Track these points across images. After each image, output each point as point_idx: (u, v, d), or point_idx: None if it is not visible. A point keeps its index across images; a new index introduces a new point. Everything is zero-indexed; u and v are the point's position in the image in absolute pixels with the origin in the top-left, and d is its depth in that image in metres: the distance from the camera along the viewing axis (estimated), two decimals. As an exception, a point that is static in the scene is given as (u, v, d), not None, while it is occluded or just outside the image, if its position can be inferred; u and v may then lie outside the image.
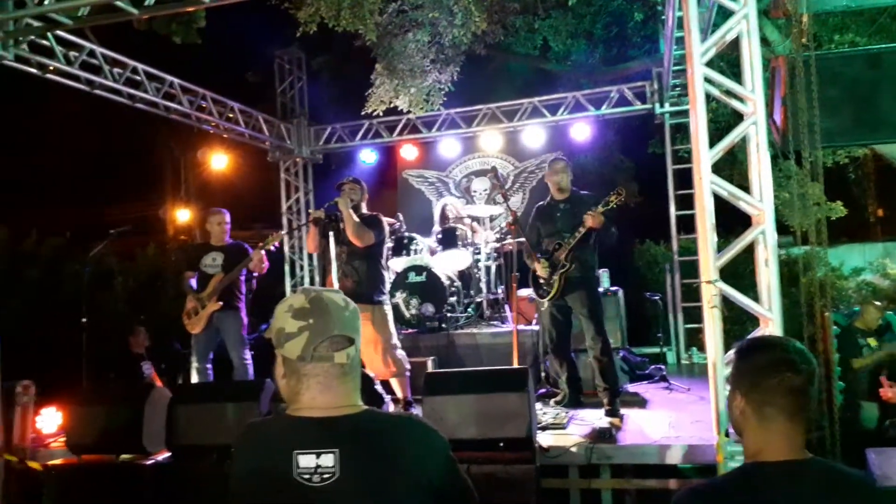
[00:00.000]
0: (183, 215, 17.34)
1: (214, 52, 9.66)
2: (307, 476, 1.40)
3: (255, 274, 5.77)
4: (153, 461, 4.33)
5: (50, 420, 5.28)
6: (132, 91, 7.30)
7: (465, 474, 1.58)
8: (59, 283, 8.15)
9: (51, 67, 6.47)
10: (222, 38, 9.58)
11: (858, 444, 3.97)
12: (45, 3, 5.28)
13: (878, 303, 6.40)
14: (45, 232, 9.04)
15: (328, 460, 1.40)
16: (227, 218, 5.90)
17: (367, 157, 10.28)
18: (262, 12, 8.17)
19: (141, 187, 16.13)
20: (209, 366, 5.63)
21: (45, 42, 6.26)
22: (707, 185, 3.81)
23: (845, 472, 1.51)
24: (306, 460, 1.41)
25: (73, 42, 6.57)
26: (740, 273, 5.94)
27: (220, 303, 5.50)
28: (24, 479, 4.43)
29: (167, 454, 4.36)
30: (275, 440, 1.49)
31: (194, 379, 5.58)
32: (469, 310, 7.22)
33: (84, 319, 5.85)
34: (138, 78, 7.32)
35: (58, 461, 4.54)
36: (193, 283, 5.68)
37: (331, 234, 5.09)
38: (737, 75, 3.94)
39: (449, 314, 6.84)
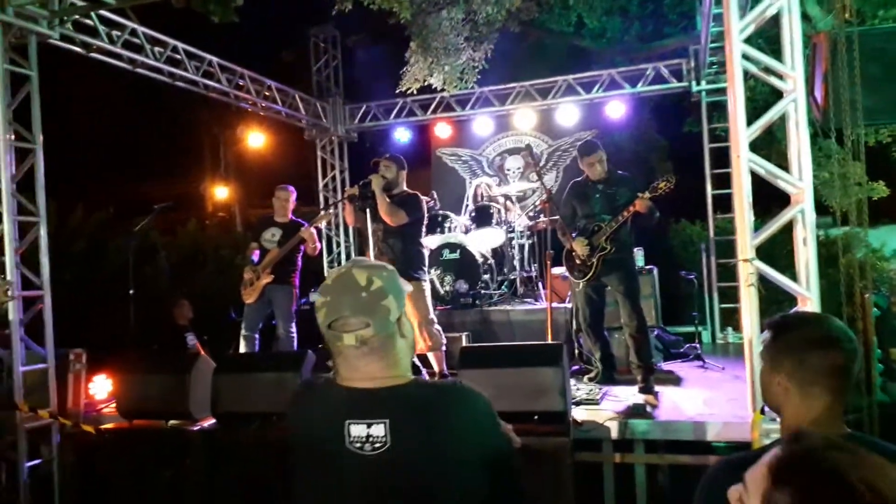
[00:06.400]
0: (221, 192, 17.63)
1: (251, 31, 9.76)
2: (359, 445, 1.43)
3: (301, 251, 5.92)
4: (199, 427, 4.50)
5: (101, 387, 5.53)
6: (172, 69, 7.43)
7: (506, 431, 1.64)
8: (105, 257, 8.39)
9: (94, 46, 6.62)
10: (259, 17, 9.68)
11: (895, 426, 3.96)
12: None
13: None
14: (90, 207, 9.29)
15: (379, 430, 1.42)
16: (291, 195, 6.08)
17: (402, 135, 10.34)
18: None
19: (181, 164, 16.36)
20: (257, 335, 5.87)
21: (88, 21, 6.40)
22: (745, 164, 3.79)
23: (885, 446, 1.50)
24: (357, 430, 1.43)
25: (115, 21, 6.70)
26: (776, 254, 5.89)
27: (272, 276, 5.70)
28: (77, 441, 4.63)
29: (212, 420, 4.53)
30: (328, 408, 1.51)
31: (241, 345, 5.80)
32: (502, 287, 7.27)
33: (131, 291, 6.05)
34: (178, 57, 7.45)
35: (110, 425, 4.76)
36: (256, 255, 5.92)
37: (367, 210, 5.19)
38: (775, 52, 3.88)
39: (483, 291, 6.90)
